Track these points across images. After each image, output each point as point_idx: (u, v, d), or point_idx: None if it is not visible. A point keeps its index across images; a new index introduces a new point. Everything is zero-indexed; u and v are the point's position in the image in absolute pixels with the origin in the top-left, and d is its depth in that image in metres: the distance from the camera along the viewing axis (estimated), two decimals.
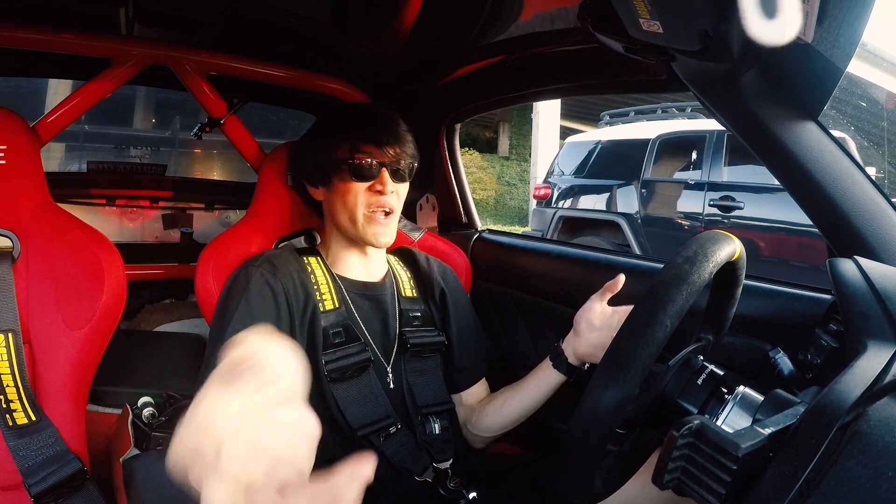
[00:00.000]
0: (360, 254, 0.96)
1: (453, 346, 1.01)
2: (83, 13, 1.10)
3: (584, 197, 4.80)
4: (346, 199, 0.90)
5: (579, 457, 0.46)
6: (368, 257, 0.97)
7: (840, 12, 0.55)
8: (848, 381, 0.43)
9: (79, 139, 4.34)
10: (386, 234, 0.91)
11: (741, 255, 0.54)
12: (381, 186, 0.89)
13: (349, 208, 0.90)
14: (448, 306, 1.03)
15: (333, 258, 0.96)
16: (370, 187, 0.90)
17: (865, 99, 4.15)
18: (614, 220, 4.38)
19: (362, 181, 0.89)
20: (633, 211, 4.28)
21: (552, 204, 4.95)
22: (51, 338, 0.84)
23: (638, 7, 0.60)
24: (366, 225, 0.90)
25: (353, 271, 0.96)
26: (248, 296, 0.81)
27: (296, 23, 1.15)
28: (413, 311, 0.99)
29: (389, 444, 0.86)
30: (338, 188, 0.91)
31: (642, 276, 1.09)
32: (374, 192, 0.90)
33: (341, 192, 0.90)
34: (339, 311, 0.90)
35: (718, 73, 0.69)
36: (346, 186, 0.90)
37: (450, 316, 1.02)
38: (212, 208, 1.56)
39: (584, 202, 4.78)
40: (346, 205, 0.90)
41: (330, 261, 0.96)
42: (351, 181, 0.89)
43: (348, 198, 0.90)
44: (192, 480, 0.35)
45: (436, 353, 0.99)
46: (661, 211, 4.16)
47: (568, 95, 1.90)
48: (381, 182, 0.89)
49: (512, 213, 11.02)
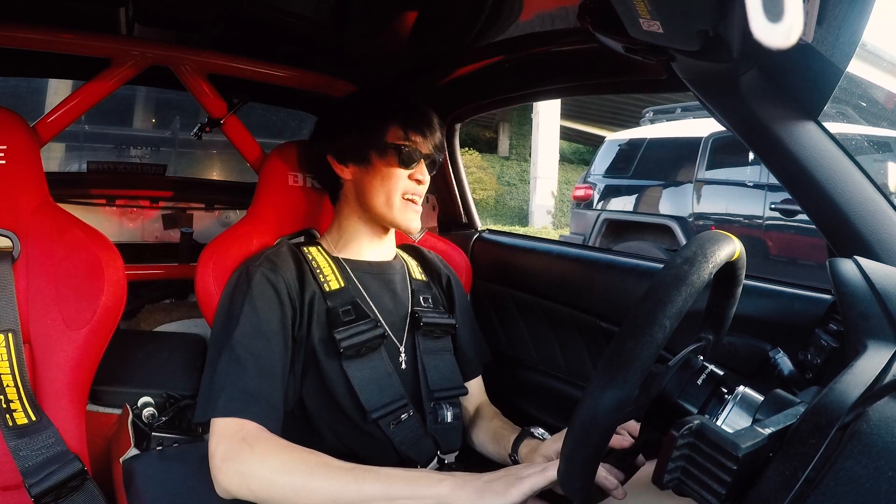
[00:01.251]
0: (374, 237, 0.97)
1: (458, 336, 1.01)
2: (83, 13, 1.10)
3: (629, 198, 4.53)
4: (386, 182, 0.91)
5: (579, 457, 0.46)
6: (382, 241, 0.98)
7: (840, 12, 0.55)
8: (848, 381, 0.43)
9: (79, 139, 4.34)
10: (417, 220, 0.94)
11: (741, 254, 0.54)
12: (420, 175, 0.93)
13: (387, 191, 0.91)
14: (454, 295, 1.05)
15: (343, 243, 0.96)
16: (411, 175, 0.92)
17: (865, 99, 4.15)
18: (665, 223, 4.12)
19: (406, 167, 0.92)
20: (686, 214, 4.01)
21: (594, 206, 4.70)
22: (51, 338, 0.84)
23: (638, 7, 0.60)
24: (403, 209, 0.92)
25: (363, 253, 0.97)
26: (252, 296, 0.81)
27: (296, 23, 1.15)
28: (423, 292, 1.00)
29: (399, 430, 0.86)
30: (378, 170, 0.92)
31: (642, 276, 1.10)
32: (413, 179, 0.92)
33: (382, 175, 0.92)
34: (345, 289, 0.90)
35: (718, 73, 0.69)
36: (388, 170, 0.91)
37: (455, 304, 1.04)
38: (212, 208, 1.56)
39: (630, 204, 4.50)
40: (385, 187, 0.91)
41: (336, 246, 0.96)
42: (396, 166, 0.91)
43: (388, 181, 0.91)
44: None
45: (447, 335, 0.99)
46: (717, 214, 3.87)
47: (568, 95, 1.90)
48: (420, 171, 0.93)
49: (512, 213, 11.02)
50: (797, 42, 0.57)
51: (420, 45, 1.21)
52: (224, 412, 0.72)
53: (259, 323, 0.79)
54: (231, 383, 0.74)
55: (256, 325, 0.79)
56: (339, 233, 0.97)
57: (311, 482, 0.65)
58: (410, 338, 0.95)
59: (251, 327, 0.79)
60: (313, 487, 0.65)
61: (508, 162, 12.01)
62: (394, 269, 0.99)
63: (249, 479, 0.66)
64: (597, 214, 4.61)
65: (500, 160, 12.11)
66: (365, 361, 0.86)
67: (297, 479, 0.65)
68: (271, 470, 0.66)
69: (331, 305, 0.87)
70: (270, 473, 0.66)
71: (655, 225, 4.24)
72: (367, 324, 0.87)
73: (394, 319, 0.94)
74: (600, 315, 1.14)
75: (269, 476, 0.66)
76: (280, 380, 0.79)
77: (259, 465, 0.67)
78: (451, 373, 0.97)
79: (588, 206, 4.77)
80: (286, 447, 0.70)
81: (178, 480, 0.86)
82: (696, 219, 3.96)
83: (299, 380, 0.85)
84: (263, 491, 0.66)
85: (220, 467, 0.68)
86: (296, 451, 0.69)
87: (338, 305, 0.87)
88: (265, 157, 1.17)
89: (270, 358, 0.78)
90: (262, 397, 0.74)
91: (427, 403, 0.91)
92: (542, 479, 0.61)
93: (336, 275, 0.90)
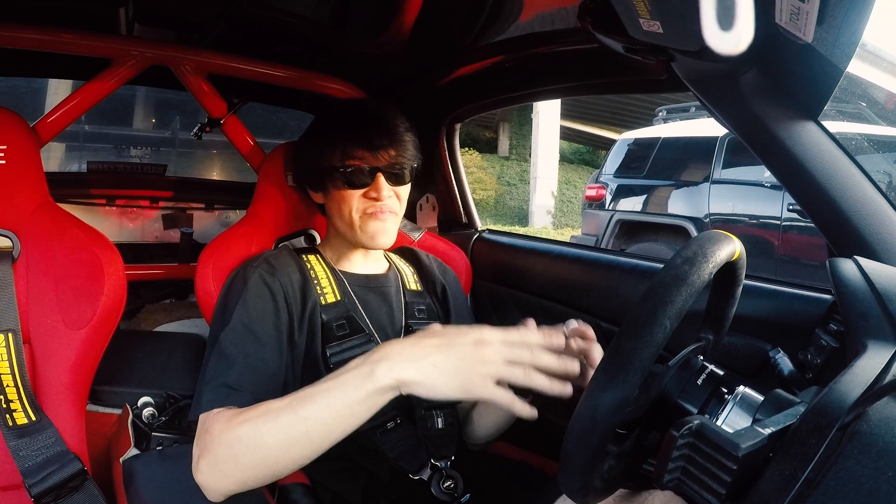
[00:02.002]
0: (362, 253, 0.96)
1: None
2: (83, 13, 1.10)
3: (642, 198, 4.44)
4: (342, 207, 0.88)
5: (578, 457, 0.46)
6: (369, 256, 0.97)
7: (840, 12, 0.55)
8: (848, 381, 0.43)
9: (79, 139, 4.35)
10: (385, 233, 0.89)
11: (741, 255, 0.54)
12: (375, 193, 0.86)
13: (345, 215, 0.89)
14: (449, 303, 1.03)
15: (336, 256, 0.96)
16: (365, 194, 0.87)
17: (865, 99, 4.14)
18: (680, 224, 4.05)
19: (356, 189, 0.87)
20: (702, 214, 3.92)
21: (606, 206, 4.61)
22: (51, 338, 0.84)
23: (638, 7, 0.60)
24: (363, 227, 0.88)
25: (356, 266, 0.96)
26: (247, 297, 0.81)
27: (296, 23, 1.15)
28: (418, 303, 0.98)
29: (387, 439, 0.85)
30: (333, 195, 0.89)
31: (642, 276, 1.10)
32: (369, 198, 0.87)
33: (337, 200, 0.89)
34: (341, 303, 0.89)
35: (718, 73, 0.69)
36: (340, 194, 0.88)
37: (451, 313, 1.02)
38: (212, 208, 1.56)
39: (643, 204, 4.42)
40: (342, 212, 0.89)
41: (332, 258, 0.96)
42: (345, 189, 0.87)
43: (343, 206, 0.88)
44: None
45: None
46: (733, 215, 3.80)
47: (568, 95, 1.90)
48: (375, 189, 0.86)
49: (512, 213, 11.03)
50: (797, 42, 0.57)
51: (420, 45, 1.21)
52: (206, 407, 0.70)
53: (251, 323, 0.79)
54: (215, 378, 0.73)
55: (248, 324, 0.78)
56: (331, 247, 0.97)
57: (260, 436, 0.62)
58: None
59: (242, 326, 0.78)
60: (266, 440, 0.62)
61: (508, 162, 12.01)
62: (388, 280, 0.98)
63: (218, 464, 0.64)
64: (610, 215, 4.55)
65: (500, 160, 12.11)
66: None
67: (249, 440, 0.63)
68: (228, 443, 0.64)
69: (325, 319, 0.86)
70: (228, 447, 0.63)
71: (670, 226, 4.19)
72: (360, 338, 0.87)
73: (388, 333, 0.93)
74: (600, 315, 1.14)
75: (229, 451, 0.63)
76: (269, 378, 0.77)
77: (217, 444, 0.64)
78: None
79: (600, 206, 4.70)
80: (234, 415, 0.66)
81: (178, 480, 0.85)
82: (711, 219, 3.91)
83: (300, 383, 0.85)
84: (232, 470, 0.63)
85: (196, 469, 0.66)
86: (241, 413, 0.66)
87: (332, 319, 0.86)
88: (265, 157, 1.17)
89: (261, 357, 0.77)
90: (243, 388, 0.72)
91: (418, 411, 0.91)
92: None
93: (333, 287, 0.90)
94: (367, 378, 0.59)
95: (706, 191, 3.98)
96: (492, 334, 0.60)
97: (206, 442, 0.66)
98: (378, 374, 0.59)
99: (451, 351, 0.59)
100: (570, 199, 10.99)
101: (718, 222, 3.88)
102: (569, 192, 11.10)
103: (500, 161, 12.06)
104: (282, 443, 0.62)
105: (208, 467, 0.65)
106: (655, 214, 4.35)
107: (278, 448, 0.62)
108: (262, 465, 0.63)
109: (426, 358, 0.59)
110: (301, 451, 0.62)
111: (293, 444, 0.62)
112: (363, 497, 0.84)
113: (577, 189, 11.00)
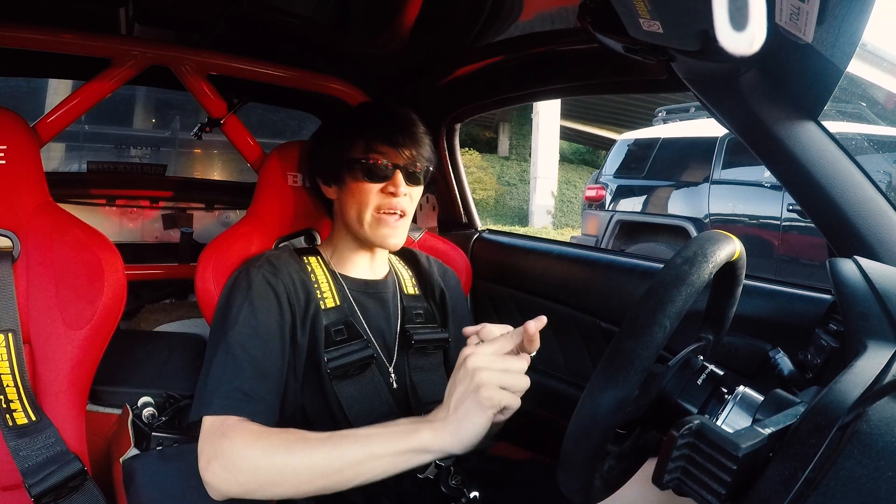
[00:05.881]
0: (365, 253, 0.96)
1: (450, 349, 1.00)
2: (83, 13, 1.10)
3: (642, 199, 4.46)
4: (358, 199, 0.89)
5: (578, 457, 0.46)
6: (374, 257, 0.97)
7: (840, 12, 0.55)
8: (848, 381, 0.43)
9: (79, 139, 4.34)
10: (395, 236, 0.90)
11: (741, 255, 0.54)
12: (394, 188, 0.88)
13: (359, 208, 0.89)
14: (447, 306, 1.02)
15: (337, 257, 0.96)
16: (383, 189, 0.88)
17: (865, 99, 4.14)
18: (680, 224, 4.06)
19: (375, 182, 0.88)
20: (702, 215, 3.94)
21: (606, 206, 4.62)
22: (51, 338, 0.84)
23: (638, 7, 0.60)
24: (374, 226, 0.89)
25: (356, 270, 0.96)
26: (251, 297, 0.81)
27: (296, 23, 1.15)
28: (415, 308, 0.99)
29: None
30: (350, 188, 0.90)
31: (642, 276, 1.10)
32: (386, 193, 0.88)
33: (353, 192, 0.90)
34: (341, 308, 0.89)
35: (718, 73, 0.69)
36: (358, 186, 0.89)
37: (449, 316, 1.02)
38: (212, 208, 1.56)
39: (643, 205, 4.43)
40: (357, 205, 0.89)
41: (332, 260, 0.96)
42: (364, 181, 0.88)
43: (360, 198, 0.89)
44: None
45: (439, 350, 0.98)
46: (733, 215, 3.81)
47: (568, 95, 1.90)
48: (394, 184, 0.88)
49: (512, 213, 11.02)
50: (797, 42, 0.57)
51: (420, 45, 1.21)
52: (219, 411, 0.71)
53: (257, 324, 0.79)
54: (227, 381, 0.73)
55: (254, 325, 0.79)
56: (334, 248, 0.97)
57: (292, 460, 0.64)
58: (402, 356, 0.94)
59: (248, 327, 0.78)
60: (295, 465, 0.64)
61: (508, 162, 12.01)
62: (387, 286, 0.98)
63: (235, 473, 0.66)
64: (609, 215, 4.57)
65: (500, 160, 12.11)
66: (354, 381, 0.86)
67: (278, 460, 0.65)
68: (253, 458, 0.65)
69: (326, 323, 0.86)
70: (253, 462, 0.65)
71: (670, 226, 4.21)
72: (358, 344, 0.87)
73: (385, 338, 0.93)
74: (600, 315, 1.14)
75: (252, 465, 0.65)
76: (276, 383, 0.78)
77: (240, 456, 0.66)
78: (441, 386, 0.96)
79: (600, 206, 4.72)
80: (263, 432, 0.68)
81: (178, 480, 0.86)
82: (711, 220, 3.93)
83: (300, 385, 0.85)
84: (250, 482, 0.65)
85: (206, 468, 0.67)
86: (273, 434, 0.68)
87: (331, 324, 0.87)
88: (265, 157, 1.17)
89: (267, 359, 0.78)
90: (259, 397, 0.74)
91: (418, 411, 0.90)
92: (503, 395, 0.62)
93: (333, 291, 0.90)
94: (417, 446, 0.63)
95: (706, 191, 4.00)
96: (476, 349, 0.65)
97: (223, 448, 0.67)
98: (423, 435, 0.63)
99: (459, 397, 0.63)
100: (570, 199, 10.99)
101: (718, 223, 3.89)
102: (569, 192, 11.10)
103: (500, 161, 12.06)
104: (312, 473, 0.64)
105: (224, 472, 0.66)
106: (655, 215, 4.37)
107: (307, 476, 0.64)
108: (282, 485, 0.65)
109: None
110: (326, 483, 0.65)
111: (322, 476, 0.64)
112: (364, 496, 0.84)
113: (577, 189, 10.99)
